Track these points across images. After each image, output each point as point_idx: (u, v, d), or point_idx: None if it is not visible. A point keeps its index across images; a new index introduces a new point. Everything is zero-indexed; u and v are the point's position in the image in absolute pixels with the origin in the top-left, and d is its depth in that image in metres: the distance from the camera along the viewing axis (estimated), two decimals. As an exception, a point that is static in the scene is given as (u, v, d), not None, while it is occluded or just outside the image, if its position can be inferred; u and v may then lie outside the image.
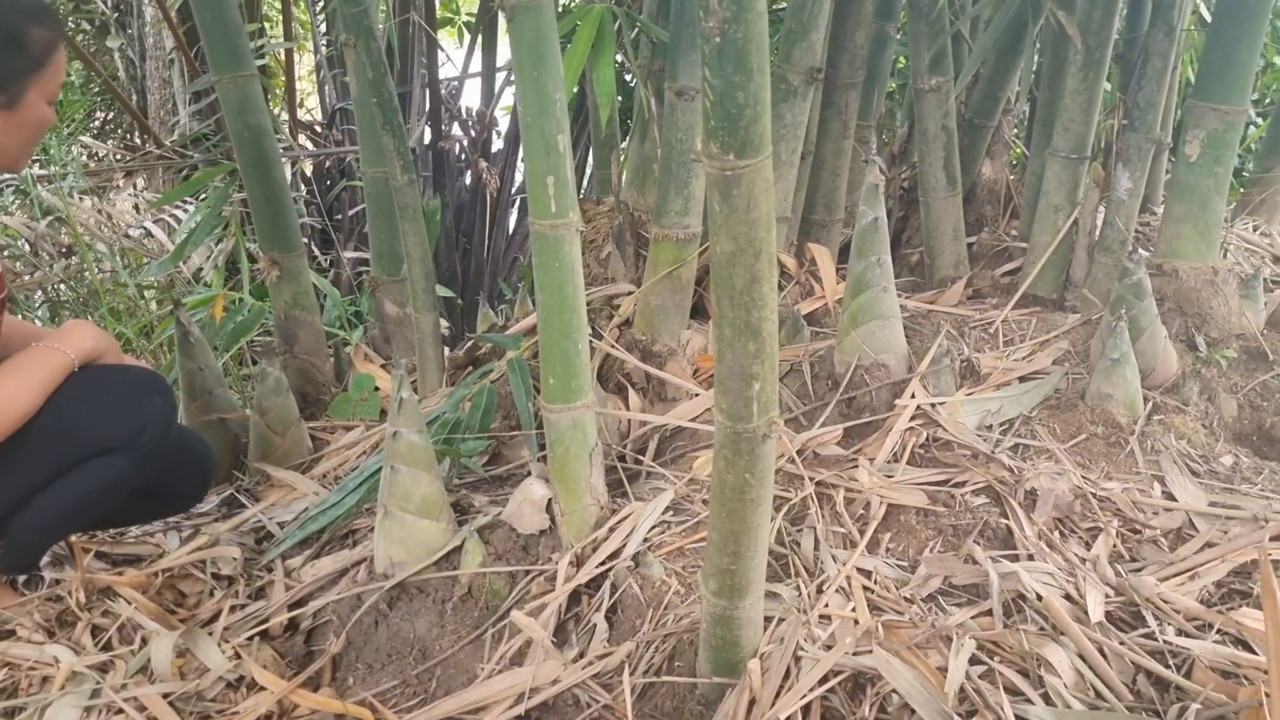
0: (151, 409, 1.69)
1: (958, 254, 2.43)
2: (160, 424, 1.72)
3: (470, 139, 4.99)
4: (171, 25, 4.60)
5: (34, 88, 1.55)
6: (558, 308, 1.64)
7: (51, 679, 1.57)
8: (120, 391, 1.68)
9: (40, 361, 1.65)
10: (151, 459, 1.73)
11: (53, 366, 1.64)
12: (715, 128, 1.12)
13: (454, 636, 1.67)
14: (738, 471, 1.30)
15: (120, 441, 1.66)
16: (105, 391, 1.67)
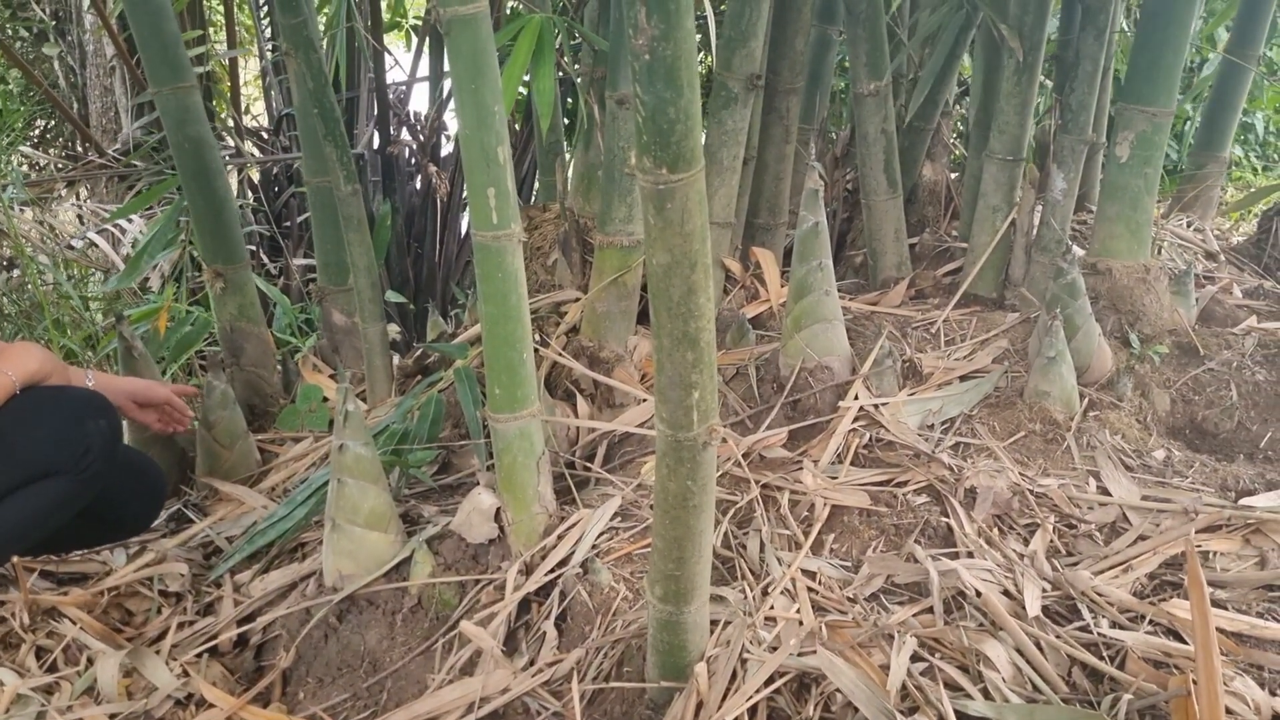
0: (95, 430, 1.66)
1: (900, 255, 2.47)
2: (104, 445, 1.69)
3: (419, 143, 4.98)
4: (111, 33, 4.53)
5: None
6: (501, 317, 1.64)
7: (-6, 703, 1.56)
8: (63, 413, 1.65)
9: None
10: (95, 480, 1.71)
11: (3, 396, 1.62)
12: (648, 143, 1.14)
13: (404, 648, 1.67)
14: (680, 479, 1.31)
15: (63, 464, 1.64)
16: (47, 413, 1.64)
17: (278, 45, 5.01)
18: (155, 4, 2.20)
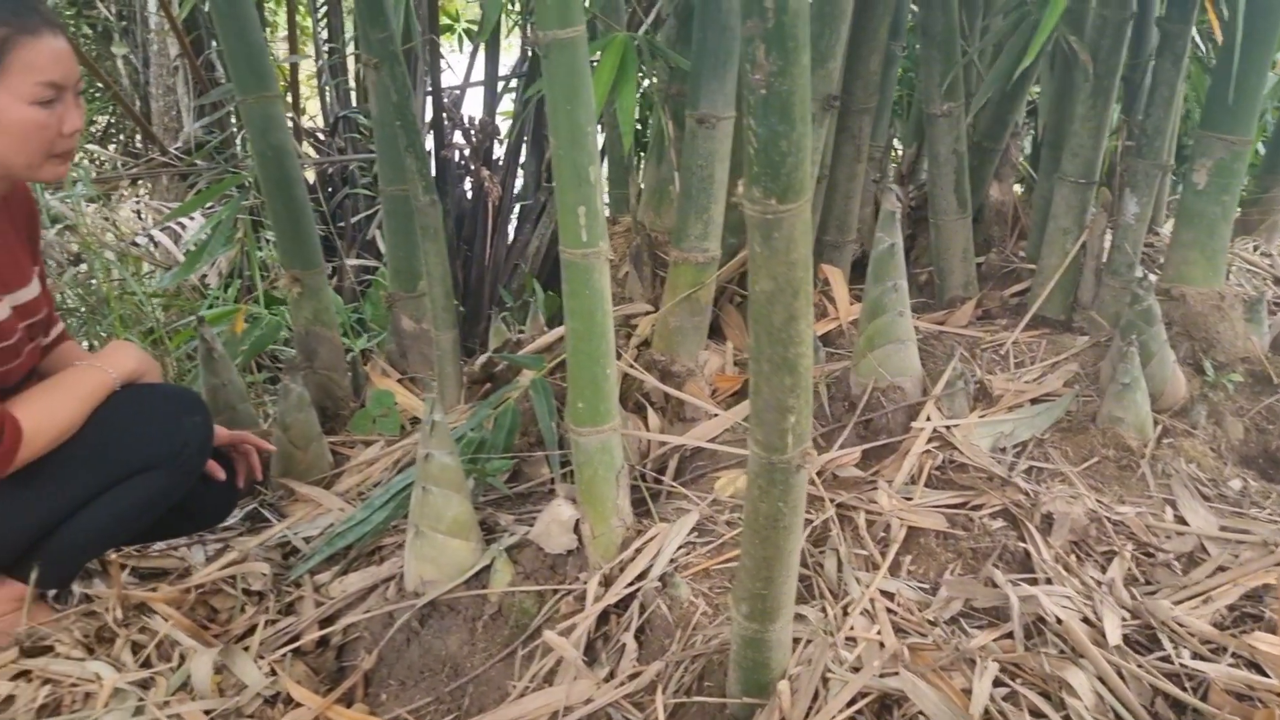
0: (192, 425, 1.73)
1: (967, 275, 2.49)
2: (201, 440, 1.76)
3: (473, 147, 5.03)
4: (178, 34, 4.62)
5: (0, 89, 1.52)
6: (587, 334, 1.68)
7: (93, 696, 1.61)
8: (161, 410, 1.72)
9: (82, 380, 1.68)
10: (191, 475, 1.78)
11: (94, 385, 1.68)
12: (758, 174, 1.17)
13: (485, 654, 1.71)
14: (771, 500, 1.34)
15: (161, 459, 1.70)
16: (146, 410, 1.71)
17: (334, 48, 5.10)
18: (243, 15, 2.25)
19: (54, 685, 1.63)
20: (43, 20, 1.55)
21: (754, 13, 1.09)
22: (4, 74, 1.50)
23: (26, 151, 1.56)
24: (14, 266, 1.71)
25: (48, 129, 1.55)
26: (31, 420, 1.58)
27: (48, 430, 1.60)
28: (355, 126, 5.18)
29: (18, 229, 1.77)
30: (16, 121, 1.52)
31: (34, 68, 1.52)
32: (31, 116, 1.53)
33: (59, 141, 1.57)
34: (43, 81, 1.53)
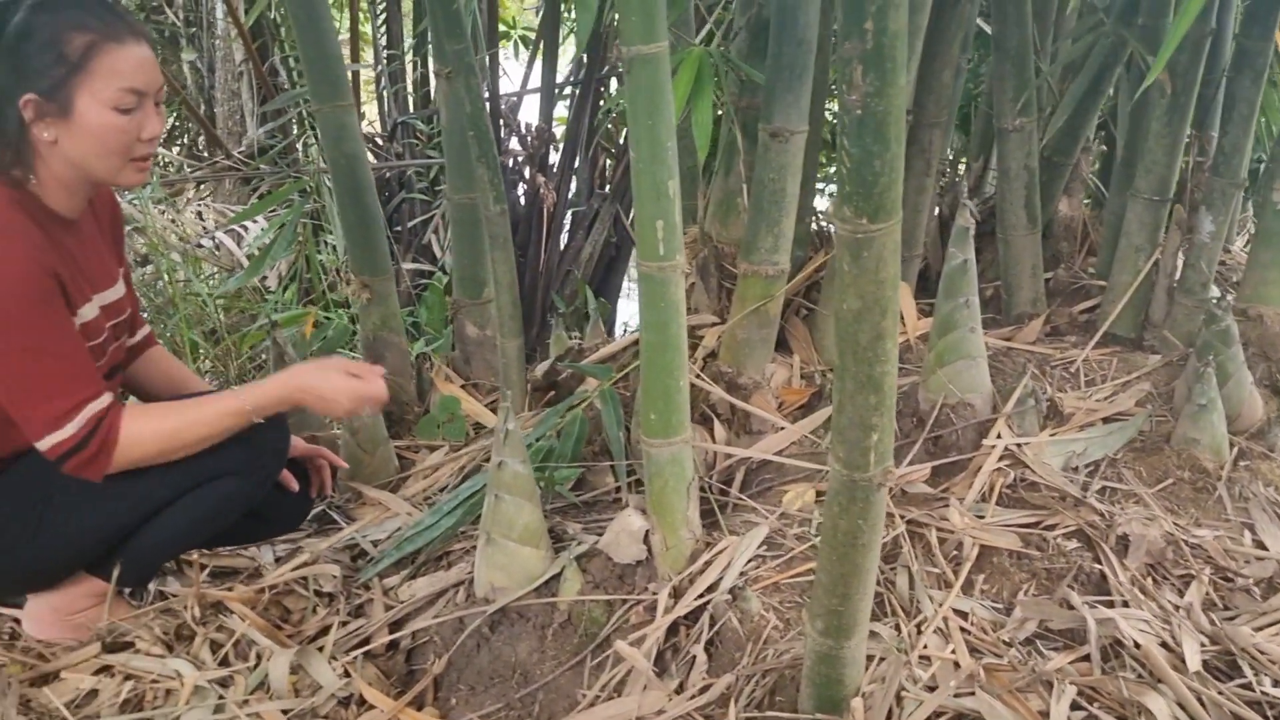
0: (269, 436, 1.75)
1: (1036, 291, 2.47)
2: (276, 450, 1.79)
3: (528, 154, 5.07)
4: (244, 39, 4.70)
5: (83, 92, 1.54)
6: (661, 346, 1.69)
7: (174, 692, 1.64)
8: None
9: (207, 405, 1.68)
10: (267, 481, 1.81)
11: (217, 413, 1.67)
12: (850, 193, 1.17)
13: (555, 662, 1.72)
14: (851, 518, 1.34)
15: (239, 465, 1.73)
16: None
17: (394, 54, 5.16)
18: (321, 26, 2.29)
19: (135, 681, 1.67)
20: (128, 28, 1.59)
21: (853, 34, 1.10)
22: (88, 78, 1.53)
23: (107, 155, 1.58)
24: (101, 267, 1.75)
25: (128, 134, 1.57)
26: (134, 430, 1.59)
27: (147, 442, 1.61)
28: (412, 132, 5.23)
29: (103, 231, 1.82)
30: (98, 126, 1.55)
31: (117, 74, 1.54)
32: (113, 121, 1.55)
33: (138, 147, 1.60)
34: (125, 88, 1.55)
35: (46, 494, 1.68)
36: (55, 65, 1.52)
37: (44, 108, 1.54)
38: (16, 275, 1.49)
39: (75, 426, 1.54)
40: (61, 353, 1.54)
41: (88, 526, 1.71)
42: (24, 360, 1.51)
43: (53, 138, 1.56)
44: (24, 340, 1.51)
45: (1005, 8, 2.25)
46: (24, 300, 1.50)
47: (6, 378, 1.53)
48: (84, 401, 1.55)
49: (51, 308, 1.53)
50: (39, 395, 1.53)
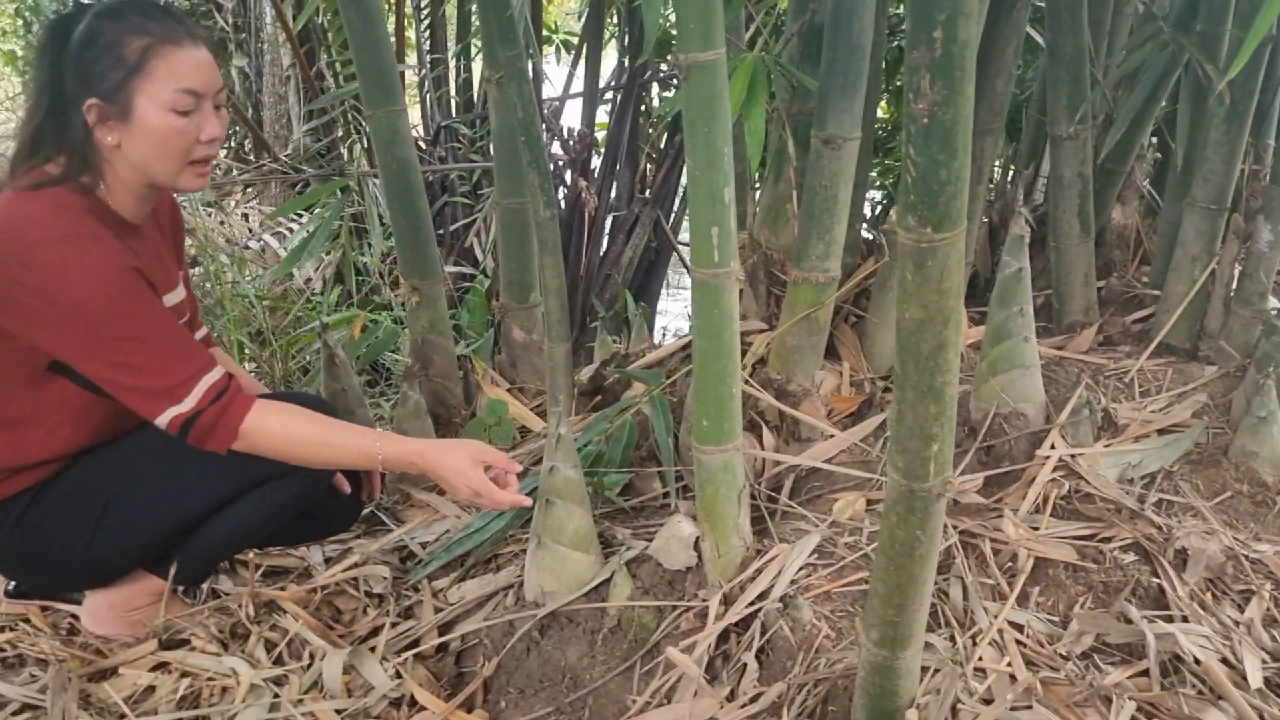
0: None
1: (1088, 300, 2.44)
2: None
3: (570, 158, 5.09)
4: (293, 44, 4.76)
5: (141, 94, 1.56)
6: (714, 353, 1.69)
7: (229, 690, 1.67)
8: None
9: (346, 433, 1.70)
10: (320, 482, 1.83)
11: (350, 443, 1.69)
12: (915, 202, 1.17)
13: (604, 667, 1.72)
14: (909, 528, 1.33)
15: (292, 468, 1.74)
16: None
17: (437, 59, 5.20)
18: (375, 33, 2.32)
19: (192, 678, 1.70)
20: (186, 32, 1.61)
21: (921, 43, 1.09)
22: (146, 81, 1.56)
23: (166, 158, 1.60)
24: (164, 271, 1.78)
25: (186, 136, 1.59)
26: (264, 420, 1.62)
27: (274, 438, 1.63)
28: (455, 136, 5.27)
29: (164, 235, 1.85)
30: (156, 128, 1.57)
31: (174, 75, 1.56)
32: (171, 123, 1.58)
33: (197, 149, 1.61)
34: (182, 89, 1.57)
35: (108, 493, 1.71)
36: (114, 69, 1.55)
37: (106, 111, 1.57)
38: (100, 271, 1.52)
39: (193, 400, 1.57)
40: (160, 336, 1.57)
41: (146, 525, 1.74)
42: (124, 350, 1.54)
43: (115, 142, 1.59)
44: (120, 331, 1.53)
45: (1060, 14, 2.23)
46: (113, 295, 1.53)
47: (112, 370, 1.55)
48: (196, 374, 1.58)
49: (140, 297, 1.56)
50: (148, 376, 1.55)
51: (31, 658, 1.79)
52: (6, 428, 1.65)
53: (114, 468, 1.73)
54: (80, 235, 1.53)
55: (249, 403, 1.62)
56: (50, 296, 1.51)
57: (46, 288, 1.50)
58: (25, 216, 1.53)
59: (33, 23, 6.09)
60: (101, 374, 1.56)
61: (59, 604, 1.92)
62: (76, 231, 1.53)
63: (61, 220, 1.54)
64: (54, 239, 1.51)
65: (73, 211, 1.56)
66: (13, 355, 1.60)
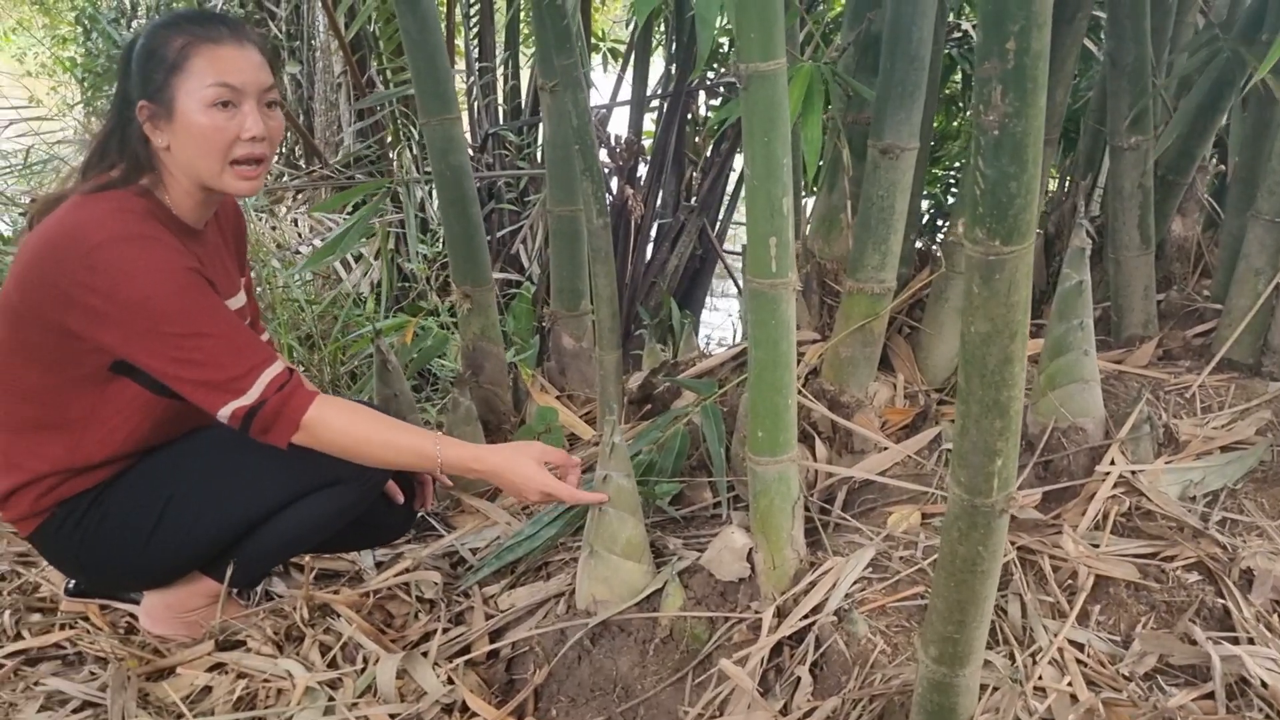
0: None
1: (1147, 313, 2.40)
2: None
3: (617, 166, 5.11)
4: (345, 51, 4.81)
5: (181, 91, 1.58)
6: (771, 363, 1.68)
7: (285, 692, 1.68)
8: None
9: (406, 434, 1.71)
10: (374, 490, 1.84)
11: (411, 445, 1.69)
12: (983, 214, 1.15)
13: (656, 677, 1.72)
14: (971, 544, 1.32)
15: (348, 473, 1.75)
16: None
17: (485, 66, 5.24)
18: (432, 43, 2.34)
19: (248, 680, 1.71)
20: (230, 31, 1.63)
21: (992, 54, 1.08)
22: (185, 77, 1.58)
23: (206, 155, 1.61)
24: (225, 275, 1.81)
25: (224, 132, 1.60)
26: (327, 416, 1.63)
27: (336, 434, 1.64)
28: (502, 143, 5.30)
29: (226, 242, 1.88)
30: (195, 124, 1.59)
31: (210, 71, 1.58)
32: (210, 119, 1.59)
33: (238, 146, 1.62)
34: (217, 82, 1.58)
35: (164, 496, 1.73)
36: (158, 69, 1.59)
37: (154, 112, 1.61)
38: (161, 270, 1.55)
39: (255, 392, 1.59)
40: (221, 332, 1.59)
41: (201, 529, 1.76)
42: (186, 346, 1.57)
43: (165, 143, 1.63)
44: (182, 328, 1.56)
45: (1122, 23, 2.20)
46: (173, 293, 1.56)
47: (175, 365, 1.58)
48: (257, 367, 1.60)
49: (201, 294, 1.59)
50: (210, 370, 1.58)
51: (91, 656, 1.82)
52: (68, 428, 1.69)
53: (171, 472, 1.75)
54: (142, 236, 1.56)
55: (311, 396, 1.63)
56: (113, 296, 1.54)
57: (109, 287, 1.54)
58: (88, 219, 1.57)
59: (91, 30, 6.22)
60: (164, 370, 1.59)
61: (117, 603, 1.95)
62: (138, 232, 1.56)
63: (123, 222, 1.57)
64: (115, 240, 1.55)
65: (134, 213, 1.59)
66: (76, 356, 1.64)
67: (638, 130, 5.04)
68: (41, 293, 1.59)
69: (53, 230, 1.59)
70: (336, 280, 4.53)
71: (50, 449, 1.69)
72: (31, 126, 5.74)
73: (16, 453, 1.70)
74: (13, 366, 1.67)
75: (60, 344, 1.62)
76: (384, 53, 4.96)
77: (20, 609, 1.92)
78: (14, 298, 1.63)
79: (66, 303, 1.57)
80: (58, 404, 1.67)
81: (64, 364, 1.65)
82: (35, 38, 7.70)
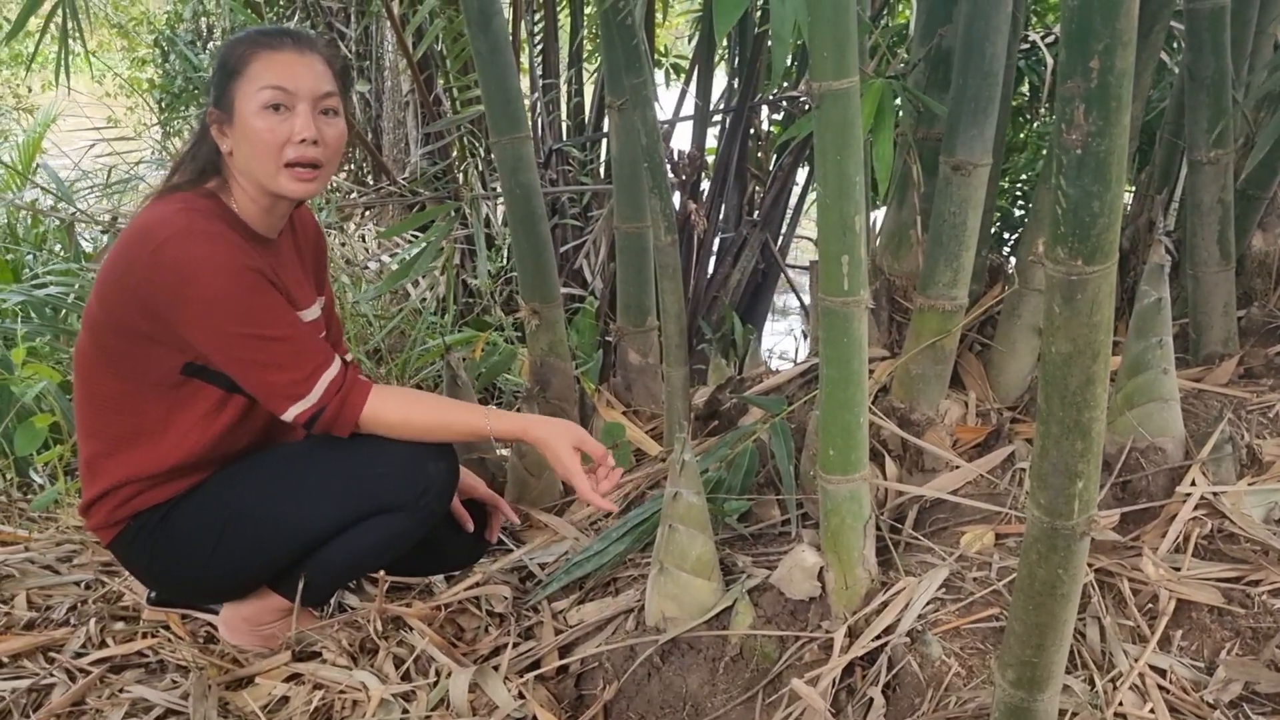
0: (436, 471, 1.80)
1: (1228, 330, 2.34)
2: (443, 486, 1.83)
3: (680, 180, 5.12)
4: (413, 70, 4.89)
5: (239, 95, 1.65)
6: (843, 381, 1.67)
7: (360, 704, 1.71)
8: (407, 452, 1.77)
9: (457, 409, 1.82)
10: (431, 519, 1.83)
11: (463, 419, 1.78)
12: (1065, 234, 1.14)
13: (725, 696, 1.71)
14: (1050, 567, 1.30)
15: (404, 501, 1.78)
16: (392, 451, 1.76)
17: (550, 83, 5.30)
18: (503, 62, 2.37)
19: (324, 691, 1.74)
20: (293, 40, 1.70)
21: (1076, 72, 1.08)
22: (243, 81, 1.65)
23: (259, 157, 1.66)
24: (299, 287, 1.85)
25: (275, 134, 1.65)
26: (380, 407, 1.71)
27: (391, 421, 1.73)
28: (566, 159, 5.34)
29: (303, 257, 1.92)
30: (250, 127, 1.65)
31: (265, 74, 1.65)
32: (263, 121, 1.64)
33: (289, 150, 1.66)
34: (270, 85, 1.64)
35: (225, 516, 1.78)
36: (223, 75, 1.67)
37: (219, 116, 1.69)
38: (224, 268, 1.60)
39: (314, 397, 1.66)
40: (281, 334, 1.65)
41: (257, 550, 1.80)
42: (248, 347, 1.63)
43: (228, 148, 1.69)
44: (244, 328, 1.62)
45: (1201, 36, 2.16)
46: (236, 292, 1.61)
47: (238, 365, 1.65)
48: (315, 372, 1.66)
49: (263, 295, 1.64)
50: (272, 373, 1.65)
51: (172, 664, 1.87)
52: (145, 434, 1.74)
53: (232, 493, 1.79)
54: (207, 233, 1.62)
55: (366, 391, 1.71)
56: (178, 291, 1.60)
57: (176, 282, 1.59)
58: (156, 219, 1.64)
59: (169, 53, 6.40)
60: (228, 368, 1.66)
61: (197, 612, 1.99)
62: (202, 228, 1.62)
63: (188, 218, 1.63)
64: (180, 236, 1.60)
65: (200, 213, 1.65)
66: (149, 361, 1.69)
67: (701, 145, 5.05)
68: (116, 296, 1.66)
69: (124, 234, 1.68)
70: (404, 296, 4.60)
71: (129, 455, 1.75)
72: (113, 146, 5.93)
73: (100, 461, 1.77)
74: (95, 376, 1.74)
75: (134, 349, 1.69)
76: (451, 71, 5.04)
77: (105, 617, 1.98)
78: (94, 307, 1.71)
79: (137, 302, 1.64)
80: (135, 410, 1.73)
81: (139, 370, 1.71)
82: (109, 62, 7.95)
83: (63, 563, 2.19)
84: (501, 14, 2.39)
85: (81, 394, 1.77)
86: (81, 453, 1.80)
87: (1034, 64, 3.50)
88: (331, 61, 1.72)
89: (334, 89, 1.71)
